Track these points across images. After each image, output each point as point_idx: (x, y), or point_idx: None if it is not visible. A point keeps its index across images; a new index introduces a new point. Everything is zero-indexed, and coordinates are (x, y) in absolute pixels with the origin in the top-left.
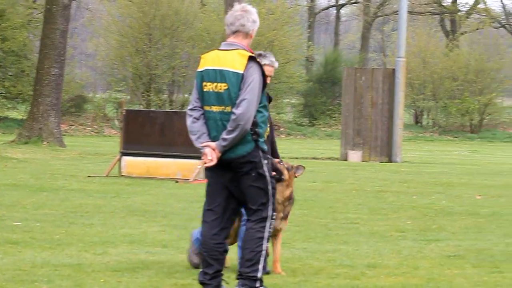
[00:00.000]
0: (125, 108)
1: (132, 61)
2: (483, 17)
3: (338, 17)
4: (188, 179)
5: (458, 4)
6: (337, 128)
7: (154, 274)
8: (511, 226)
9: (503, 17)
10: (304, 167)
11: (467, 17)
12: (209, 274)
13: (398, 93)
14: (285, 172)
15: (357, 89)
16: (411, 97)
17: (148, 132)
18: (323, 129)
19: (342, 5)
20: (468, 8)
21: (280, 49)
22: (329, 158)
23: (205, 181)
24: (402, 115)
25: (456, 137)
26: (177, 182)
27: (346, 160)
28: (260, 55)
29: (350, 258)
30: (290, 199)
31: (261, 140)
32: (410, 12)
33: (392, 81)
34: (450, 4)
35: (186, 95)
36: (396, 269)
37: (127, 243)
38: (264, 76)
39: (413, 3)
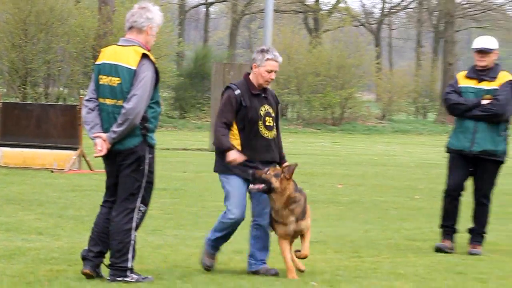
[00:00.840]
0: (2, 101)
1: (8, 55)
2: (344, 15)
3: (207, 14)
4: (63, 169)
5: (321, 3)
6: (206, 121)
7: (30, 261)
8: (370, 213)
9: (363, 16)
10: (296, 164)
11: (329, 15)
12: (93, 252)
13: None
14: (273, 180)
15: (226, 83)
16: (276, 92)
17: (25, 124)
18: (193, 121)
19: (211, 3)
20: (330, 7)
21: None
22: (199, 149)
23: (79, 171)
24: None
25: (318, 129)
26: (52, 172)
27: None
28: (263, 50)
29: None
30: (290, 203)
31: (149, 134)
32: (275, 11)
33: None
34: (313, 3)
35: (61, 89)
36: None
37: (4, 230)
38: (157, 73)
39: (279, 2)
